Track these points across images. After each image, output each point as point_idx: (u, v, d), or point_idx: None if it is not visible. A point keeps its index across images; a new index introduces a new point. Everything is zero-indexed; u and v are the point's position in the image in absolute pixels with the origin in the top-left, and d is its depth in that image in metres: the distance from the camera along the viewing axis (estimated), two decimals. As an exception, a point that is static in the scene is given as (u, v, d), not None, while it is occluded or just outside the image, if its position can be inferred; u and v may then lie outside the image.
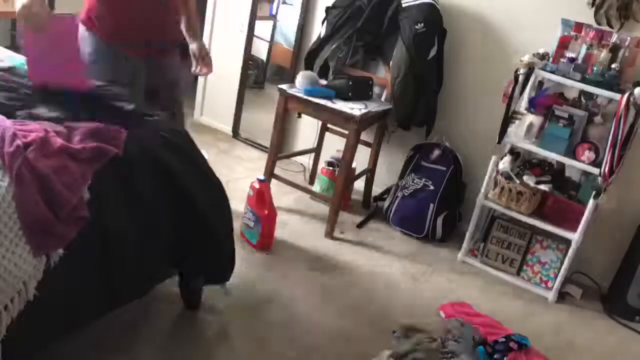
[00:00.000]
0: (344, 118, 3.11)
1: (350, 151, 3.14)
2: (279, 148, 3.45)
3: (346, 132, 3.18)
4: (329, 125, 3.65)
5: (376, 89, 3.44)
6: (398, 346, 2.27)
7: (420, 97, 3.32)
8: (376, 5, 3.31)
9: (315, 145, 3.77)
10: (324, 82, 3.34)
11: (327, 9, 3.50)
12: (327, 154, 3.73)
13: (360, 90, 3.30)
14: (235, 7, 4.16)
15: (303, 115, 3.56)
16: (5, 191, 1.52)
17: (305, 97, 3.16)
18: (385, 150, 3.63)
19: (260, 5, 4.17)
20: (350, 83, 3.24)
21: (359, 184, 3.67)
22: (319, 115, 3.29)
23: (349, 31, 3.39)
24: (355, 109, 3.11)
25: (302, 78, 3.25)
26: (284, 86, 3.29)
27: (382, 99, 3.47)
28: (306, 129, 3.52)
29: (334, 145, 3.71)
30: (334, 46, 3.43)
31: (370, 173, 3.63)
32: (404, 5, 3.26)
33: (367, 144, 3.51)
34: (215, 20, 4.29)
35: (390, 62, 3.32)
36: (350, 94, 3.23)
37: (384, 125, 3.46)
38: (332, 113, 3.14)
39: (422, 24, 3.17)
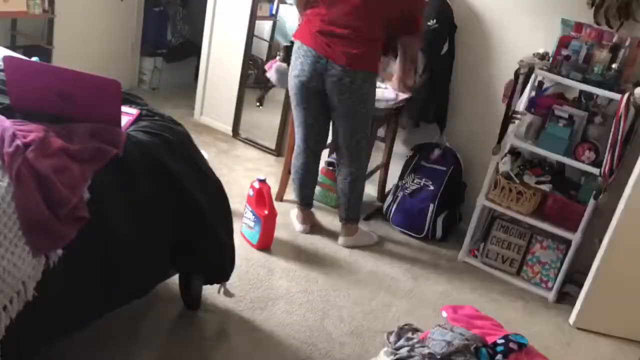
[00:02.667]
0: None
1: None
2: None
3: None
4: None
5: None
6: (393, 349, 2.27)
7: (434, 93, 3.33)
8: None
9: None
10: None
11: None
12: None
13: None
14: (235, 7, 4.16)
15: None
16: (4, 191, 1.52)
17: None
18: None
19: (260, 5, 4.16)
20: None
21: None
22: None
23: None
24: None
25: None
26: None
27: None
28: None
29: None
30: None
31: (384, 167, 3.66)
32: None
33: (378, 138, 3.55)
34: (216, 20, 4.28)
35: None
36: None
37: (397, 122, 3.49)
38: None
39: (435, 20, 3.19)
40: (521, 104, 2.96)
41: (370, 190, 3.77)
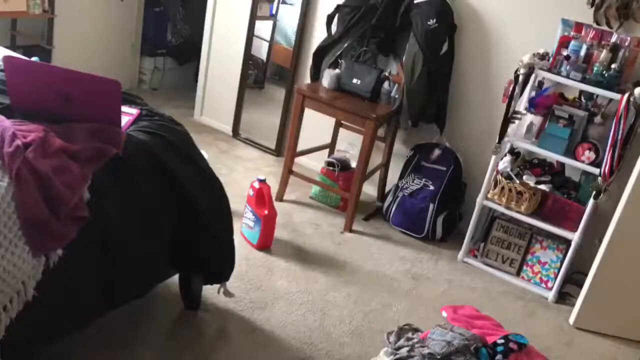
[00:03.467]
0: (362, 117, 3.17)
1: (367, 149, 3.20)
2: (296, 145, 3.48)
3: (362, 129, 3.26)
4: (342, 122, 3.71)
5: (387, 85, 3.43)
6: (393, 349, 2.27)
7: (433, 93, 3.34)
8: (389, 2, 3.33)
9: (329, 141, 3.84)
10: None
11: (339, 7, 3.52)
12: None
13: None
14: (235, 7, 4.16)
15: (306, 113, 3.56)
16: (4, 191, 1.52)
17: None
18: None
19: (260, 5, 4.17)
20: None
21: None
22: (336, 114, 3.35)
23: (363, 29, 3.41)
24: None
25: (329, 77, 3.39)
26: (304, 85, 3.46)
27: (393, 94, 3.44)
28: (305, 126, 3.53)
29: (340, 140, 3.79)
30: (346, 44, 3.46)
31: (384, 167, 3.67)
32: (416, 2, 3.28)
33: (378, 138, 3.55)
34: (216, 20, 4.29)
35: (404, 58, 3.34)
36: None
37: (397, 122, 3.49)
38: (349, 112, 3.23)
39: (435, 20, 3.19)
40: (521, 104, 2.96)
41: (370, 190, 3.77)
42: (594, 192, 2.79)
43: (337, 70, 3.42)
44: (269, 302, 2.56)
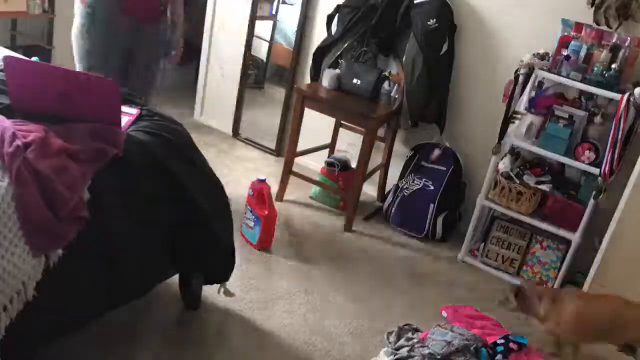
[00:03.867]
0: (362, 117, 3.19)
1: (367, 149, 3.20)
2: (296, 146, 3.48)
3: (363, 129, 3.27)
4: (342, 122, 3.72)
5: (387, 85, 3.43)
6: (393, 349, 2.27)
7: (433, 93, 3.34)
8: (389, 2, 3.33)
9: (329, 141, 3.84)
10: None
11: (339, 7, 3.52)
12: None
13: None
14: (235, 7, 4.16)
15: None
16: (4, 191, 1.52)
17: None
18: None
19: (260, 5, 4.17)
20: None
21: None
22: (336, 114, 3.35)
23: (363, 29, 3.42)
24: None
25: (329, 77, 3.40)
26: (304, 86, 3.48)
27: (393, 94, 3.43)
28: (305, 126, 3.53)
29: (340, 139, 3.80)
30: (346, 44, 3.46)
31: (384, 167, 3.67)
32: (416, 2, 3.28)
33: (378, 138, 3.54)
34: (216, 20, 4.29)
35: (404, 58, 3.34)
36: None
37: (397, 122, 3.50)
38: (349, 112, 3.24)
39: (435, 20, 3.20)
40: (521, 104, 2.96)
41: (370, 190, 3.77)
42: (594, 192, 2.79)
43: (337, 70, 3.43)
44: (269, 302, 2.56)
